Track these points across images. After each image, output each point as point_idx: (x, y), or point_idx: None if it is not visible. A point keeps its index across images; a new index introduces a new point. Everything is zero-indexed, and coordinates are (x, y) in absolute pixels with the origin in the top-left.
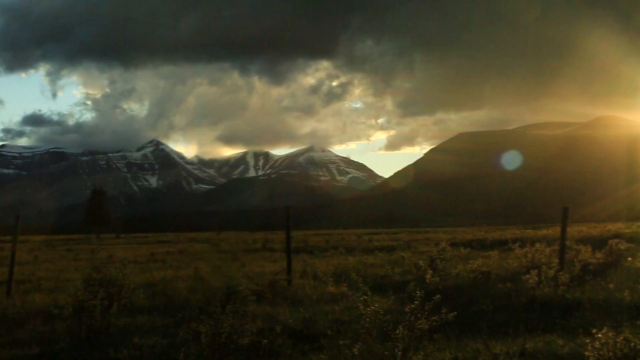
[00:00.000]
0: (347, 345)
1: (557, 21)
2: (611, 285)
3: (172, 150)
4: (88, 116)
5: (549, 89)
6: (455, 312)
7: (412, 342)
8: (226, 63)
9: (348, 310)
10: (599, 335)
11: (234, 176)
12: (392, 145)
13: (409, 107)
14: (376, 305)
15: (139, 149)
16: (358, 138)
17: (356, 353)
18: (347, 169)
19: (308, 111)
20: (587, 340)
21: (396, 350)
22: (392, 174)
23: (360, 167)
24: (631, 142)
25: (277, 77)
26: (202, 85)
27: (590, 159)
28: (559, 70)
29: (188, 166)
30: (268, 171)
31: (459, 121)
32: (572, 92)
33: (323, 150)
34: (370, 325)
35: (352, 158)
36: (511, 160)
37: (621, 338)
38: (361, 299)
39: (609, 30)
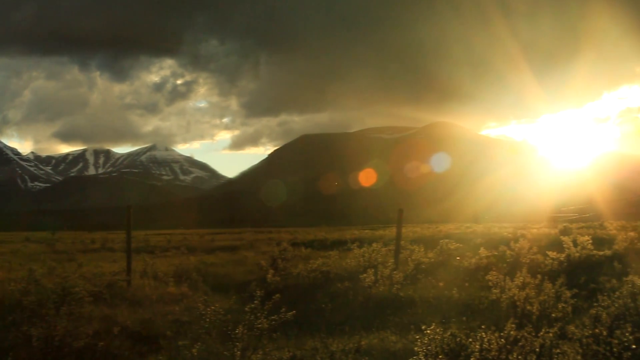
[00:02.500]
0: (186, 346)
1: (395, 28)
2: (441, 284)
3: (5, 146)
4: None
5: (388, 94)
6: (295, 311)
7: (252, 342)
8: (64, 57)
9: (188, 311)
10: (428, 331)
11: (73, 174)
12: (236, 145)
13: (254, 108)
14: (217, 305)
15: None
16: (202, 137)
17: (195, 353)
18: (191, 169)
19: (151, 109)
20: (417, 337)
21: (235, 349)
22: (236, 174)
23: (204, 166)
24: (460, 146)
25: (119, 73)
26: (38, 79)
27: (425, 162)
28: (397, 76)
29: (23, 163)
30: (109, 169)
31: (302, 123)
32: (409, 97)
33: (166, 149)
34: (210, 325)
35: (195, 157)
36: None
37: (448, 333)
38: (201, 299)
39: (440, 41)
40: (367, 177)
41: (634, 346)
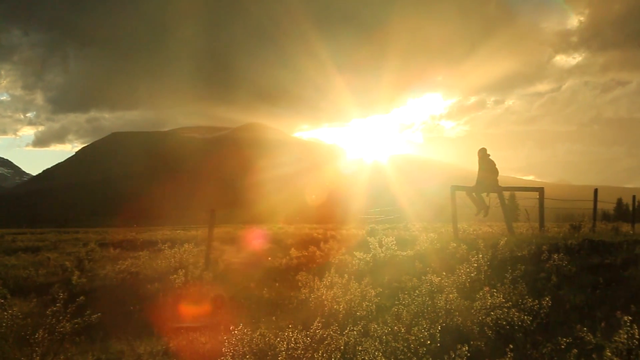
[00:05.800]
0: None
1: (207, 27)
2: (252, 284)
3: None
4: None
5: (202, 94)
6: (100, 314)
7: (53, 346)
8: None
9: None
10: (236, 331)
11: None
12: (41, 141)
13: (61, 103)
14: (15, 309)
15: None
16: (4, 132)
17: None
18: None
19: None
20: (226, 337)
21: (34, 355)
22: (40, 171)
23: (5, 163)
24: (273, 147)
25: None
26: None
27: (238, 161)
28: (211, 77)
29: None
30: None
31: (113, 120)
32: (223, 98)
33: None
34: (7, 330)
35: None
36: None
37: (257, 333)
38: None
39: (253, 42)
40: (179, 177)
41: (429, 342)
